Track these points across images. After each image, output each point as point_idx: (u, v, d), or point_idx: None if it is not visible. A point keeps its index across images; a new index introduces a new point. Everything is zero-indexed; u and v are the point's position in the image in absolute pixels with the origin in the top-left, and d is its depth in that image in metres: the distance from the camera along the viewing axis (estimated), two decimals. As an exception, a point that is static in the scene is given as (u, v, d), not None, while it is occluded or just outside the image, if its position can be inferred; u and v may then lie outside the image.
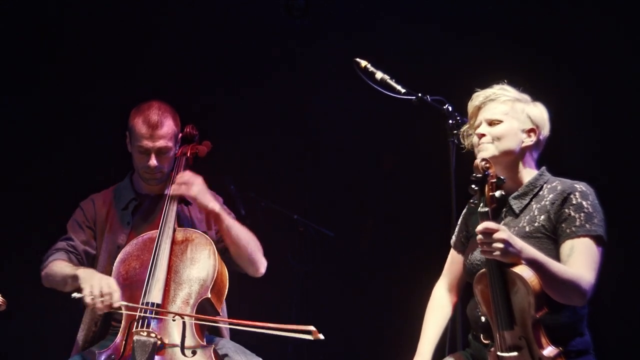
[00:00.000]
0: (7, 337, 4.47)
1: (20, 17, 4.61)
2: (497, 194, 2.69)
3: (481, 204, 2.68)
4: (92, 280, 3.00)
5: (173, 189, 3.27)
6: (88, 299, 2.95)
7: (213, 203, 3.27)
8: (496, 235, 2.60)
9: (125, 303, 3.00)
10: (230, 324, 3.05)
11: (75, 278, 3.08)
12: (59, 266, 3.22)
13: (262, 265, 3.38)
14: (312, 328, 2.83)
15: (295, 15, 4.89)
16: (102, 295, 2.95)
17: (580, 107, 4.26)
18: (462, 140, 3.03)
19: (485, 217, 2.67)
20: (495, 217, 2.89)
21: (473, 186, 2.70)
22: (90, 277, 3.03)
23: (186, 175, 3.28)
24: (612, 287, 3.84)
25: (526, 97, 2.94)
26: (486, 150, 2.86)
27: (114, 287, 2.99)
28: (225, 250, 3.33)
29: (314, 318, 4.65)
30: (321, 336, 2.83)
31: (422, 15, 4.78)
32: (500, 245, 2.59)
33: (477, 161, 2.71)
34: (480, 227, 2.63)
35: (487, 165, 2.71)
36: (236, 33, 4.88)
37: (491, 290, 2.69)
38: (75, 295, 2.99)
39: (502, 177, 2.72)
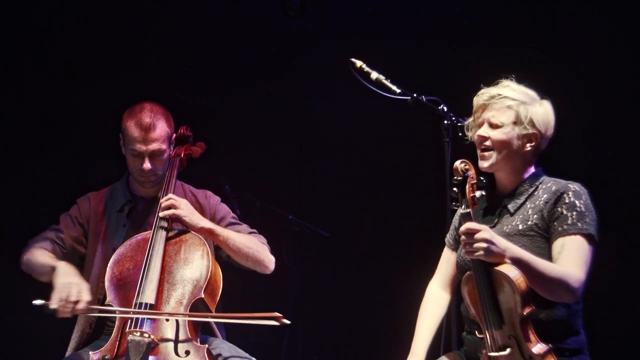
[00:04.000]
0: (0, 338, 4.46)
1: (17, 16, 4.61)
2: (478, 194, 2.71)
3: (463, 206, 2.70)
4: (67, 281, 2.95)
5: (161, 214, 3.24)
6: (53, 304, 2.91)
7: (203, 221, 3.26)
8: (478, 235, 2.62)
9: (89, 307, 2.97)
10: (201, 317, 3.08)
11: (53, 269, 3.04)
12: (40, 253, 3.19)
13: (270, 262, 3.37)
14: (276, 314, 2.88)
15: (291, 15, 4.88)
16: (67, 301, 2.91)
17: (577, 107, 4.26)
18: (466, 132, 3.03)
19: (467, 218, 2.68)
20: (490, 215, 2.92)
21: (454, 189, 2.71)
22: (66, 276, 2.99)
23: (171, 199, 3.26)
24: (607, 287, 3.85)
25: (533, 95, 2.91)
26: (486, 160, 2.88)
27: (85, 297, 2.94)
28: (228, 256, 3.34)
29: (309, 318, 4.72)
30: (286, 321, 2.89)
31: (419, 15, 4.78)
32: (483, 244, 2.61)
33: (457, 163, 2.73)
34: (462, 228, 2.65)
35: (467, 167, 2.72)
36: (232, 33, 4.88)
37: (478, 290, 2.70)
38: (37, 302, 2.93)
39: (482, 178, 2.74)
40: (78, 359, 3.14)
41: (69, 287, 2.94)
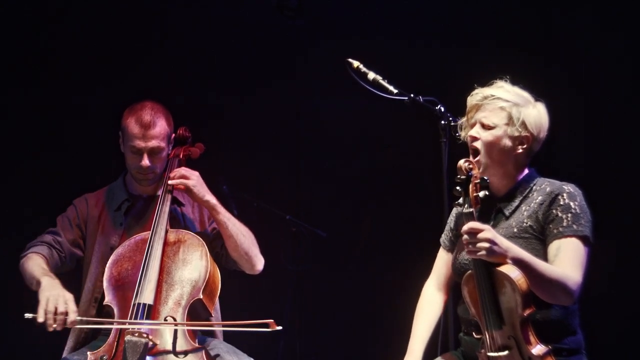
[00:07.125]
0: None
1: (18, 16, 4.61)
2: (481, 194, 2.70)
3: (466, 205, 2.69)
4: (51, 293, 2.92)
5: (170, 182, 3.26)
6: (40, 318, 2.87)
7: (209, 195, 3.27)
8: (481, 235, 2.61)
9: (81, 318, 2.97)
10: (196, 326, 3.10)
11: (38, 283, 3.02)
12: (33, 263, 3.17)
13: (259, 261, 3.36)
14: (269, 321, 2.87)
15: (289, 15, 4.88)
16: (55, 313, 2.88)
17: (572, 108, 4.26)
18: (459, 131, 3.03)
19: (469, 217, 2.67)
20: (485, 218, 2.89)
21: (457, 188, 2.71)
22: (50, 289, 2.95)
23: (183, 170, 3.29)
24: (605, 287, 3.86)
25: (526, 97, 2.90)
26: (478, 164, 2.87)
27: (72, 307, 2.92)
28: (221, 247, 3.33)
29: (306, 319, 4.72)
30: (278, 327, 2.88)
31: (416, 15, 4.78)
32: (486, 244, 2.61)
33: (461, 162, 2.72)
34: (465, 227, 2.64)
35: (471, 166, 2.72)
36: (229, 34, 4.88)
37: (479, 290, 2.70)
38: (28, 315, 2.89)
39: (485, 178, 2.72)
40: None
41: (55, 298, 2.91)
